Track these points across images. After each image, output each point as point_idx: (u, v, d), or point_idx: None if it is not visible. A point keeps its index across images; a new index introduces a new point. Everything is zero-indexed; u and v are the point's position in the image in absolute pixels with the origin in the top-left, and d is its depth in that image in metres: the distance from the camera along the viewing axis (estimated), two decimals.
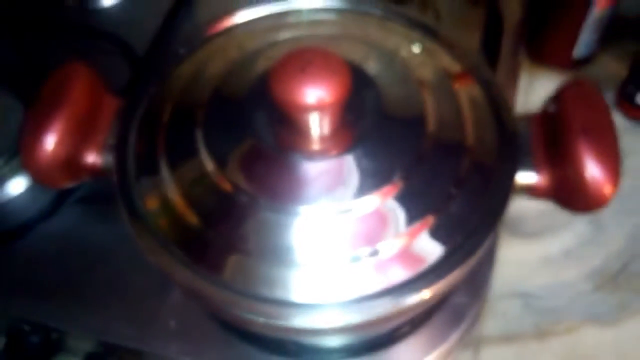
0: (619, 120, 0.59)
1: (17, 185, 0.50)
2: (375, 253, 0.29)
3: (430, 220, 0.30)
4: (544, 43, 0.62)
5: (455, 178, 0.31)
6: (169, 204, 0.31)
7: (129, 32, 0.61)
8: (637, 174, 0.55)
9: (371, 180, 0.30)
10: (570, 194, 0.31)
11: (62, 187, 0.34)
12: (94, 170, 0.34)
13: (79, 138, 0.32)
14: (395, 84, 0.34)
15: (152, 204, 0.32)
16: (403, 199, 0.30)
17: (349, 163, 0.30)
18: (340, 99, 0.28)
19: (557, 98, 0.33)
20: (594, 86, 0.33)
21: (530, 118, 0.34)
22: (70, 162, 0.32)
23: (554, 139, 0.32)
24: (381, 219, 0.30)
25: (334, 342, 0.41)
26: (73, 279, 0.46)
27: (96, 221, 0.48)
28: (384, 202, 0.30)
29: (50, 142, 0.31)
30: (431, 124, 0.32)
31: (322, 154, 0.30)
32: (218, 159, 0.31)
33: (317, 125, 0.29)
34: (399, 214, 0.30)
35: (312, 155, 0.30)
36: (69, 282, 0.46)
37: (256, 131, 0.31)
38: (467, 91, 0.35)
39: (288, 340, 0.41)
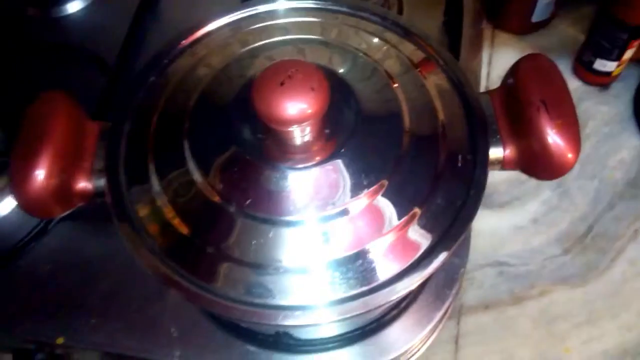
0: (578, 85, 0.61)
1: (6, 205, 0.50)
2: (365, 252, 0.30)
3: (416, 212, 0.31)
4: (503, 10, 0.64)
5: (435, 169, 0.32)
6: (161, 215, 0.32)
7: (96, 38, 0.60)
8: (596, 139, 0.58)
9: (356, 184, 0.30)
10: (536, 163, 0.33)
11: (57, 216, 0.34)
12: (85, 195, 0.34)
13: (66, 168, 0.32)
14: (367, 84, 0.34)
15: (144, 215, 0.32)
16: (389, 197, 0.31)
17: (332, 169, 0.31)
18: (320, 111, 0.28)
19: (514, 72, 0.34)
20: (548, 59, 0.34)
21: (491, 93, 0.35)
22: (61, 192, 0.32)
23: (515, 112, 0.33)
24: (368, 219, 0.30)
25: (328, 333, 0.43)
26: (72, 294, 0.46)
27: (89, 235, 0.49)
28: (370, 203, 0.30)
29: (39, 177, 0.31)
30: (407, 121, 0.33)
31: (305, 162, 0.31)
32: (204, 170, 0.31)
33: (299, 136, 0.30)
34: (386, 212, 0.31)
35: (295, 164, 0.31)
36: (69, 298, 0.46)
37: (241, 141, 0.32)
38: (432, 78, 0.36)
39: (285, 336, 0.42)
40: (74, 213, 0.34)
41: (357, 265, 0.30)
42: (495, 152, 0.33)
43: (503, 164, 0.34)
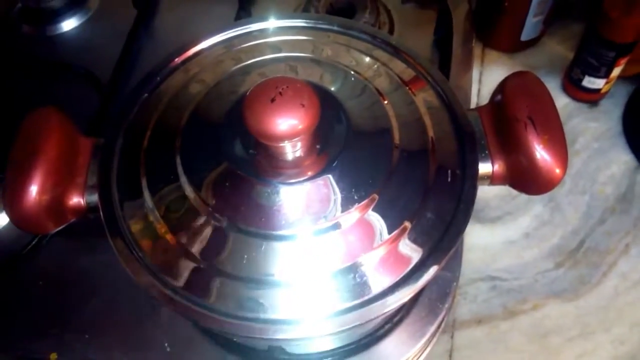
0: (567, 102, 0.62)
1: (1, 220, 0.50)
2: (357, 266, 0.30)
3: (407, 226, 0.31)
4: (493, 29, 0.65)
5: (425, 183, 0.32)
6: (153, 230, 0.32)
7: (90, 56, 0.61)
8: (586, 154, 0.58)
9: (347, 198, 0.31)
10: (524, 179, 0.33)
11: (50, 232, 0.35)
12: (78, 211, 0.34)
13: (59, 184, 0.33)
14: (358, 100, 0.35)
15: (136, 231, 0.33)
16: (379, 211, 0.31)
17: (323, 184, 0.31)
18: (310, 127, 0.29)
19: (502, 89, 0.34)
20: (535, 75, 0.35)
21: (480, 110, 0.36)
22: (54, 208, 0.33)
23: (503, 128, 0.34)
24: (360, 233, 0.31)
25: (321, 347, 0.43)
26: (66, 310, 0.46)
27: (82, 251, 0.49)
28: (361, 217, 0.31)
29: (31, 193, 0.31)
30: (397, 136, 0.33)
31: (296, 177, 0.31)
32: (197, 185, 0.32)
33: (290, 151, 0.31)
34: (377, 226, 0.31)
35: (287, 179, 0.31)
36: (62, 313, 0.46)
37: (232, 157, 0.32)
38: (422, 95, 0.36)
39: (278, 351, 0.42)
40: (67, 228, 0.35)
41: (349, 278, 0.30)
42: (484, 168, 0.34)
43: (492, 179, 0.34)
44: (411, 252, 0.31)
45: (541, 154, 0.32)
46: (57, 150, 0.33)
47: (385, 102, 0.35)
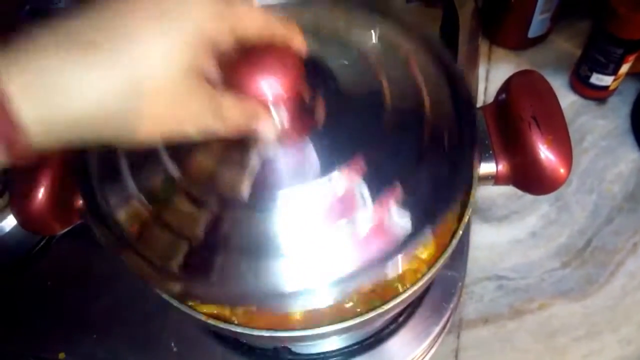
0: (575, 100, 0.61)
1: (9, 223, 0.50)
2: (351, 229, 0.29)
3: (397, 190, 0.30)
4: (500, 26, 0.65)
5: (417, 152, 0.31)
6: (140, 215, 0.31)
7: None
8: (594, 152, 0.58)
9: (335, 158, 0.30)
10: (529, 179, 0.33)
11: (57, 233, 0.35)
12: (84, 213, 0.34)
13: (65, 186, 0.33)
14: (350, 67, 0.34)
15: (124, 218, 0.32)
16: (369, 173, 0.30)
17: (313, 146, 0.30)
18: (292, 87, 0.28)
19: (506, 88, 0.34)
20: (539, 74, 0.35)
21: (484, 109, 0.36)
22: (60, 210, 0.33)
23: (507, 128, 0.34)
24: (350, 196, 0.29)
25: (326, 347, 0.43)
26: (74, 310, 0.47)
27: (90, 252, 0.49)
28: (350, 178, 0.29)
29: (38, 197, 0.32)
30: (388, 101, 0.32)
31: (283, 142, 0.30)
32: (181, 163, 0.31)
33: (276, 114, 0.29)
34: (365, 187, 0.30)
35: (274, 144, 0.30)
36: (70, 313, 0.47)
37: None
38: (417, 60, 0.35)
39: (284, 351, 0.42)
40: (75, 230, 0.35)
41: (342, 243, 0.29)
42: (488, 168, 0.34)
43: (496, 179, 0.34)
44: (403, 216, 0.30)
45: (545, 153, 0.32)
46: (63, 153, 0.33)
47: (378, 67, 0.33)
